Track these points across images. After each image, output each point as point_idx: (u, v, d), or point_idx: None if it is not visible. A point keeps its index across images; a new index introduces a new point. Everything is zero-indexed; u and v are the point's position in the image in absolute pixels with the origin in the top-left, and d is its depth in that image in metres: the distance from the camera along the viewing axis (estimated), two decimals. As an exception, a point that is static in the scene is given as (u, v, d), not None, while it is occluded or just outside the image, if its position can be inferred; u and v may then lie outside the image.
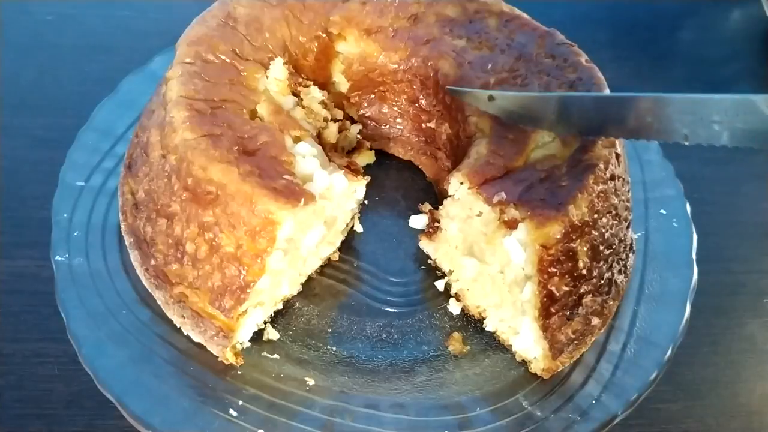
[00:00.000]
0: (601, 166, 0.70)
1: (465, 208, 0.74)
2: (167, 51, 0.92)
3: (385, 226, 0.89)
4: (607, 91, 0.79)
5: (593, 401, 0.70)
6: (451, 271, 0.82)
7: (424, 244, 0.83)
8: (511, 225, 0.69)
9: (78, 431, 0.73)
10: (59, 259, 0.76)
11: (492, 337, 0.78)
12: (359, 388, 0.73)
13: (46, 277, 0.77)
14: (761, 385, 0.82)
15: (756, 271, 0.93)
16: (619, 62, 1.20)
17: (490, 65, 0.83)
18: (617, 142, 0.76)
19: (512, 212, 0.68)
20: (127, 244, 0.77)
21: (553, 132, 0.73)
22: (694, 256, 0.82)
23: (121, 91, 0.93)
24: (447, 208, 0.77)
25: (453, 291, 0.81)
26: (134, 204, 0.78)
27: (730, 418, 0.79)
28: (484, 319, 0.79)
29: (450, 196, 0.75)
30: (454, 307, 0.81)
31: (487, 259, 0.75)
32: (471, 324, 0.80)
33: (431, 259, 0.84)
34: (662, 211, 0.87)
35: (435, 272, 0.84)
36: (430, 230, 0.82)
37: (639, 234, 0.84)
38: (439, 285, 0.82)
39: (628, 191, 0.79)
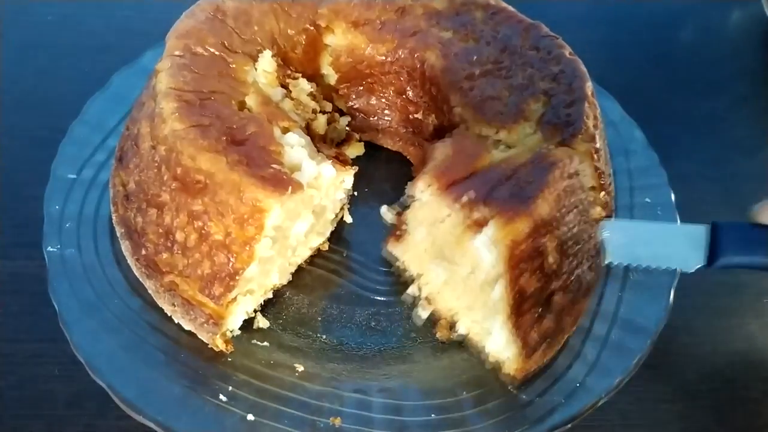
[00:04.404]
0: (565, 161, 0.70)
1: (432, 211, 0.73)
2: (158, 46, 0.93)
3: (375, 217, 0.88)
4: (589, 84, 0.80)
5: (578, 384, 0.71)
6: (419, 275, 0.79)
7: (392, 247, 0.81)
8: (480, 224, 0.68)
9: (78, 431, 0.73)
10: (51, 249, 0.77)
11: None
12: (349, 374, 0.74)
13: (46, 278, 0.76)
14: (761, 385, 0.82)
15: (756, 271, 0.93)
16: (619, 62, 1.20)
17: (475, 57, 0.84)
18: (597, 137, 0.77)
19: (480, 211, 0.68)
20: (118, 234, 0.78)
21: None
22: (678, 243, 0.83)
23: (112, 85, 0.94)
24: (414, 212, 0.76)
25: (423, 295, 0.79)
26: (125, 195, 0.79)
27: (730, 418, 0.79)
28: (455, 322, 0.77)
29: (417, 200, 0.74)
30: (422, 312, 0.78)
31: (457, 261, 0.74)
32: (458, 311, 0.81)
33: (399, 261, 0.82)
34: (647, 200, 0.88)
35: (406, 278, 0.81)
36: (398, 233, 0.79)
37: (624, 222, 0.85)
38: (411, 291, 0.80)
39: (610, 184, 0.80)
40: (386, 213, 0.80)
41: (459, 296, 0.76)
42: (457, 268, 0.74)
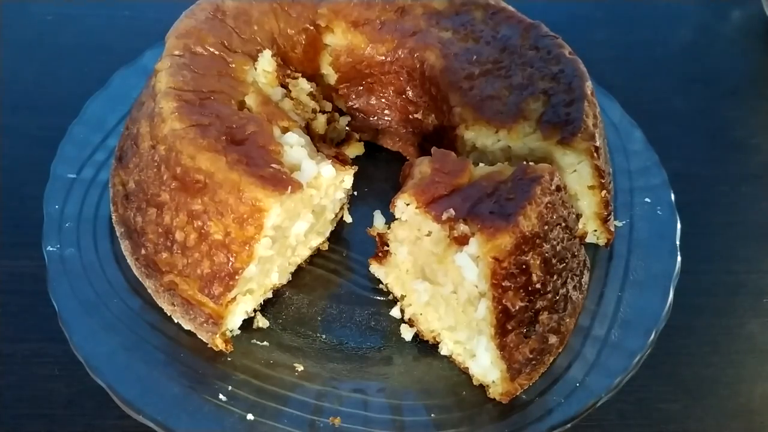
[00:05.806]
0: (546, 177, 0.69)
1: (414, 229, 0.72)
2: (158, 46, 0.93)
3: (375, 217, 0.90)
4: (588, 84, 0.81)
5: (577, 384, 0.71)
6: (403, 296, 0.79)
7: (375, 269, 0.81)
8: (462, 241, 0.67)
9: (78, 431, 0.73)
10: (50, 249, 0.77)
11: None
12: (348, 374, 0.74)
13: (46, 278, 0.76)
14: (761, 385, 0.82)
15: (756, 271, 0.93)
16: (619, 62, 1.20)
17: (475, 57, 0.84)
18: (597, 135, 0.77)
19: (462, 228, 0.67)
20: (118, 234, 0.78)
21: None
22: (677, 243, 0.83)
23: (112, 85, 0.94)
24: (395, 231, 0.75)
25: (406, 317, 0.79)
26: (125, 195, 0.79)
27: (730, 418, 0.79)
28: (438, 343, 0.77)
29: (397, 218, 0.73)
30: (406, 333, 0.78)
31: (439, 279, 0.73)
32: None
33: (383, 284, 0.82)
34: (647, 200, 0.88)
35: (390, 297, 0.82)
36: (380, 254, 0.79)
37: (624, 222, 0.85)
38: (395, 312, 0.80)
39: (610, 183, 0.80)
40: (378, 220, 0.79)
41: (441, 316, 0.75)
42: (439, 287, 0.73)
